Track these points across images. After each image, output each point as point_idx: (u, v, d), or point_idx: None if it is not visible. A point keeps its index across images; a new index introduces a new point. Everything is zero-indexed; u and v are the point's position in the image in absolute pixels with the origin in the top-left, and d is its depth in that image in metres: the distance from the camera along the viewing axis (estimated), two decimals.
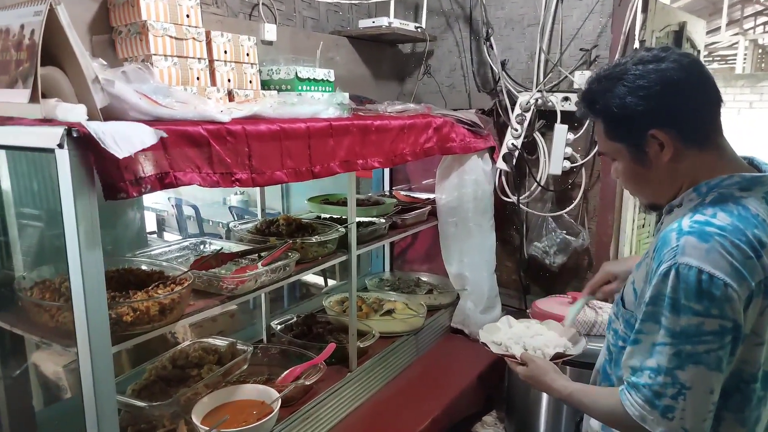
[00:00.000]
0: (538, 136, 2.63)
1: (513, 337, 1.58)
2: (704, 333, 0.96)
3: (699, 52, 2.84)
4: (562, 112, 2.53)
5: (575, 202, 2.59)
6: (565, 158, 2.55)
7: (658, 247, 1.04)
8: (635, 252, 2.72)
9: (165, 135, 1.18)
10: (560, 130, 2.52)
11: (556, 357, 1.46)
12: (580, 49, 2.53)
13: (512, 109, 2.64)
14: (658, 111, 1.04)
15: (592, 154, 2.54)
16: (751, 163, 1.12)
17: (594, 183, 2.60)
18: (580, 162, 2.57)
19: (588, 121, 2.52)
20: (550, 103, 2.56)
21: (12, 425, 1.51)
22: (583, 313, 2.24)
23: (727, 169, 1.06)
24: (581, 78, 2.52)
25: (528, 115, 2.57)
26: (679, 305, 0.97)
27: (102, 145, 1.06)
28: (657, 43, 2.51)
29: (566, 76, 2.56)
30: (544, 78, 2.61)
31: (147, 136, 1.13)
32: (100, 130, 1.07)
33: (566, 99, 2.52)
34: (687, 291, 0.96)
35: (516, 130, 2.58)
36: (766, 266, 0.98)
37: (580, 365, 1.92)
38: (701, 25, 2.83)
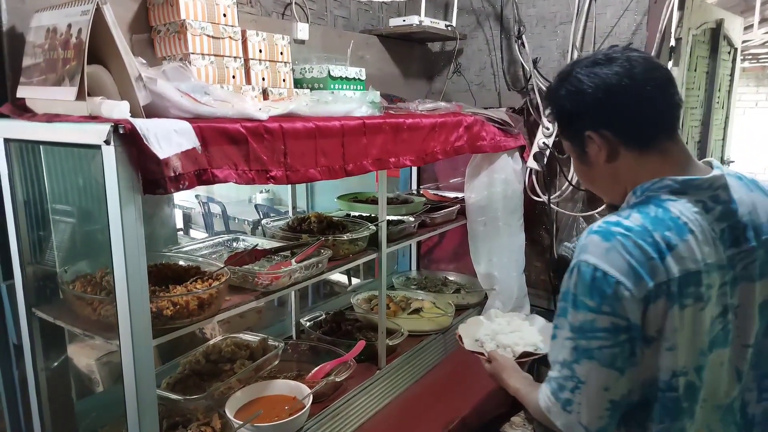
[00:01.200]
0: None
1: (490, 333, 1.62)
2: (597, 329, 0.98)
3: (736, 50, 2.78)
4: None
5: (607, 203, 2.55)
6: None
7: None
8: None
9: (199, 146, 1.19)
10: None
11: (524, 355, 1.50)
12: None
13: (543, 108, 2.61)
14: (593, 114, 1.07)
15: None
16: (710, 166, 1.09)
17: None
18: None
19: None
20: None
21: (53, 415, 1.55)
22: None
23: (669, 171, 1.05)
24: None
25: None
26: (577, 301, 1.00)
27: (146, 143, 1.08)
28: (694, 42, 2.47)
29: None
30: None
31: (186, 139, 1.15)
32: (145, 127, 1.09)
33: None
34: (583, 287, 0.99)
35: (547, 128, 2.56)
36: (671, 269, 0.97)
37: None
38: (738, 22, 2.77)
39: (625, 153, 1.07)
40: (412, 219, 2.33)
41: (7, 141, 1.37)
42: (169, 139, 1.13)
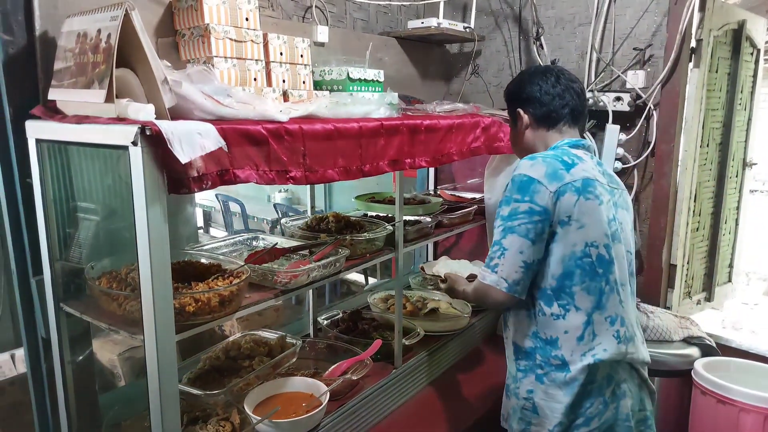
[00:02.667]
0: (588, 136, 2.59)
1: (446, 269, 2.22)
2: (519, 213, 1.45)
3: (759, 51, 2.75)
4: (614, 112, 2.49)
5: None
6: (616, 159, 2.51)
7: None
8: (688, 258, 2.66)
9: (225, 145, 1.23)
10: (612, 131, 2.48)
11: (471, 277, 1.85)
12: (634, 49, 2.48)
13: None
14: (524, 99, 1.67)
15: (644, 155, 2.50)
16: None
17: (646, 185, 2.55)
18: (632, 163, 2.53)
19: (641, 122, 2.48)
20: (601, 103, 2.52)
21: (78, 407, 1.60)
22: None
23: (565, 138, 1.63)
24: (634, 78, 2.47)
25: (586, 107, 2.53)
26: (510, 199, 1.48)
27: (169, 147, 1.11)
28: (715, 43, 2.44)
29: (618, 76, 2.52)
30: (596, 78, 2.57)
31: (209, 141, 1.18)
32: (169, 130, 1.12)
33: (618, 99, 2.48)
34: (514, 188, 1.48)
35: None
36: (575, 175, 1.47)
37: None
38: (762, 23, 2.73)
39: (537, 128, 1.66)
40: (429, 219, 2.35)
41: (38, 141, 1.42)
42: (192, 142, 1.15)
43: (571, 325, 1.47)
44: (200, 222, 5.77)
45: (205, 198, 5.50)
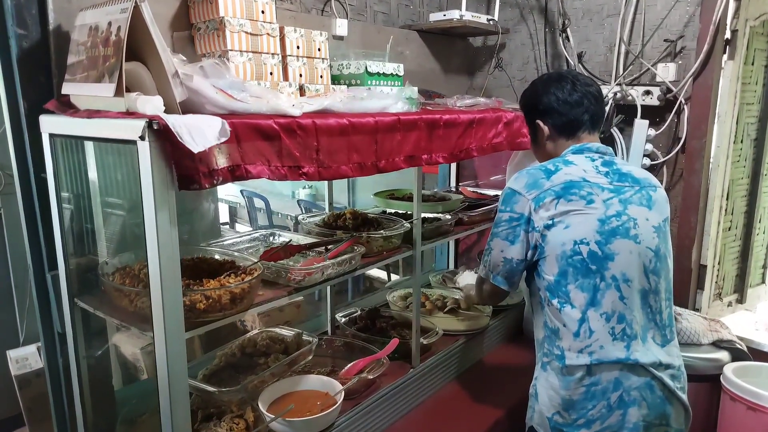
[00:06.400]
0: (615, 131, 2.51)
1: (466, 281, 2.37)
2: (501, 221, 1.58)
3: None
4: (642, 106, 2.41)
5: None
6: (644, 155, 2.43)
7: None
8: (719, 258, 2.56)
9: (227, 136, 1.19)
10: (640, 126, 2.40)
11: None
12: (665, 40, 2.39)
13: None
14: (541, 111, 1.66)
15: (674, 151, 2.40)
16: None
17: (676, 182, 2.46)
18: (662, 159, 2.44)
19: (671, 116, 2.38)
20: (629, 97, 2.44)
21: (94, 402, 1.60)
22: None
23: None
24: (665, 71, 2.38)
25: (605, 110, 2.46)
26: (498, 210, 1.61)
27: (179, 139, 1.10)
28: (751, 34, 2.34)
29: (648, 69, 2.43)
30: (624, 71, 2.48)
31: (218, 134, 1.16)
32: (177, 123, 1.10)
33: (648, 93, 2.39)
34: (500, 201, 1.61)
35: None
36: (555, 181, 1.52)
37: None
38: None
39: (558, 137, 1.66)
40: (448, 217, 2.30)
41: (52, 136, 1.42)
42: (203, 134, 1.13)
43: (568, 319, 1.50)
44: (226, 217, 5.83)
45: (231, 194, 5.55)
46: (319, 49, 1.85)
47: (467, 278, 2.42)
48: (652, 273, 1.53)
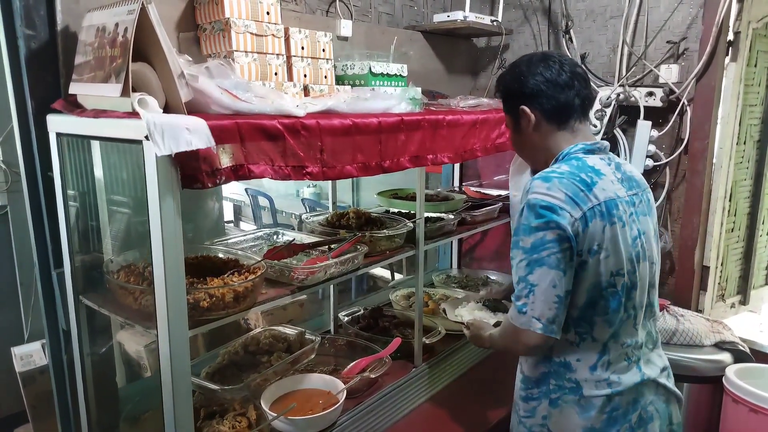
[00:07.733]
0: (618, 132, 2.51)
1: (470, 315, 2.01)
2: (546, 242, 1.27)
3: None
4: (645, 107, 2.41)
5: (658, 203, 2.46)
6: (647, 156, 2.43)
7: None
8: (722, 259, 2.56)
9: (214, 146, 1.18)
10: (643, 127, 2.40)
11: (496, 324, 1.71)
12: (667, 42, 2.39)
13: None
14: (527, 94, 1.43)
15: (677, 152, 2.41)
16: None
17: (679, 183, 2.46)
18: (665, 160, 2.44)
19: (674, 118, 2.39)
20: (632, 98, 2.44)
21: (97, 399, 1.62)
22: (663, 321, 2.14)
23: (578, 143, 1.43)
24: (667, 72, 2.38)
25: (608, 111, 2.46)
26: (529, 228, 1.29)
27: (148, 138, 1.08)
28: (754, 35, 2.34)
29: (651, 70, 2.43)
30: (627, 72, 2.49)
31: (197, 138, 1.14)
32: (152, 121, 1.09)
33: (650, 94, 2.39)
34: (534, 216, 1.29)
35: (595, 126, 2.48)
36: (598, 196, 1.31)
37: None
38: None
39: (546, 126, 1.44)
40: (451, 216, 2.31)
41: (59, 135, 1.43)
42: (177, 137, 1.11)
43: (584, 354, 1.37)
44: (230, 216, 5.84)
45: (235, 192, 5.56)
46: (323, 50, 1.86)
47: (472, 312, 2.14)
48: (651, 286, 1.45)
